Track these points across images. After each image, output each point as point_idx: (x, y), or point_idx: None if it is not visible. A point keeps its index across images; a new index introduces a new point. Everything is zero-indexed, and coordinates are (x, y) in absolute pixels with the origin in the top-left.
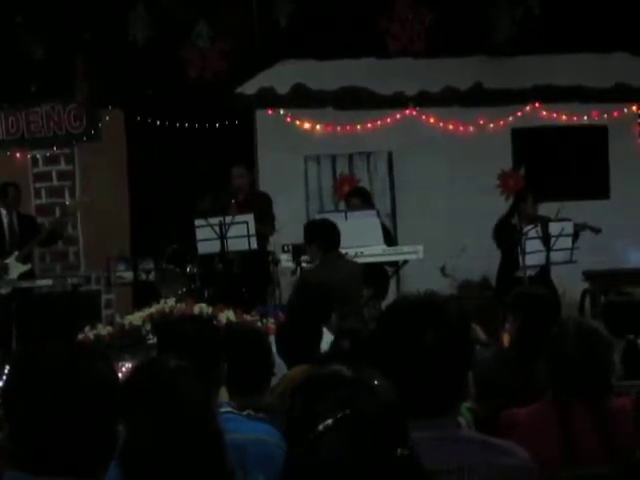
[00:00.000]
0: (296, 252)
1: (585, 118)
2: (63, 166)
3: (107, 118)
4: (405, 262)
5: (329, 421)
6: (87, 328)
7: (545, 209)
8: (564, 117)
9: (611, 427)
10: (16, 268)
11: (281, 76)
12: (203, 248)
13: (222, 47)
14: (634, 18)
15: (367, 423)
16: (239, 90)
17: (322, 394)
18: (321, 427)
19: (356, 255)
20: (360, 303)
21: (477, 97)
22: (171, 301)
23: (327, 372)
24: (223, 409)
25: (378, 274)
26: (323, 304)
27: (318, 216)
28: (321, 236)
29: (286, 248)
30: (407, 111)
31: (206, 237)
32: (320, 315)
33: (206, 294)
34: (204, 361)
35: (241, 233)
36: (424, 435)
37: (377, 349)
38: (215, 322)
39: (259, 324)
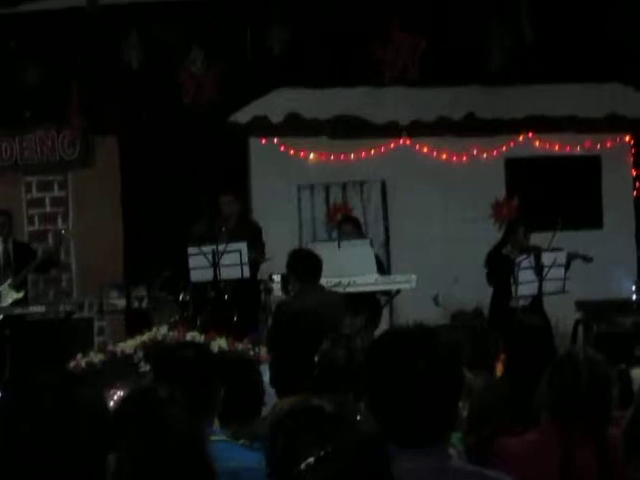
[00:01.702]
0: (284, 281)
1: (578, 148)
2: (56, 192)
3: (101, 144)
4: (398, 291)
5: (311, 459)
6: (79, 355)
7: (538, 238)
8: (557, 147)
9: (611, 458)
10: (9, 295)
11: (275, 104)
12: (196, 276)
13: (216, 74)
14: (627, 48)
15: (349, 460)
16: (232, 118)
17: (303, 431)
18: (303, 466)
19: (349, 284)
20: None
21: (470, 127)
22: (163, 329)
23: (308, 407)
24: (218, 437)
25: (370, 303)
26: (313, 334)
27: (311, 245)
28: (298, 266)
29: (273, 277)
30: (401, 140)
31: (199, 265)
32: (311, 345)
33: (198, 321)
34: (201, 388)
35: (234, 261)
36: (414, 465)
37: (367, 379)
38: None
39: (251, 353)
